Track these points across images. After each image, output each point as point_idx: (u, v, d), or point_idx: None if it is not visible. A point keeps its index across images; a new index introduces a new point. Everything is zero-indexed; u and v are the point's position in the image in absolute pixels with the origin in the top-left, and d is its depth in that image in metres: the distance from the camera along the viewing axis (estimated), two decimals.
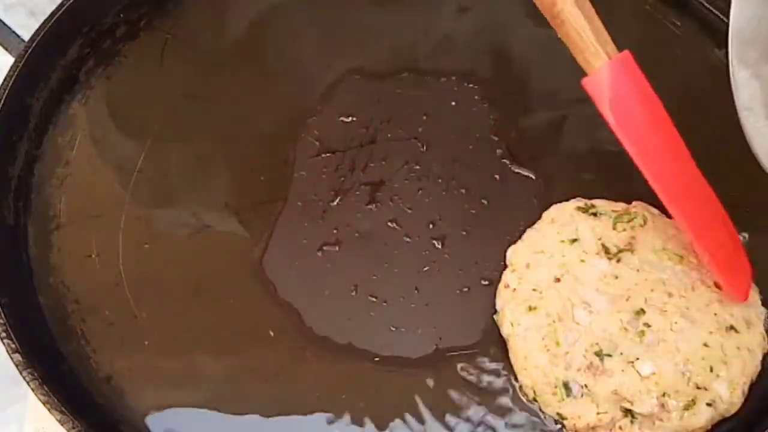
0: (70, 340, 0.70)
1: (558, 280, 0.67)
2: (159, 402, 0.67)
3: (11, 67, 0.78)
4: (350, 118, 0.81)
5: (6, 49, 0.92)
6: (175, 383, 0.67)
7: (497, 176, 0.77)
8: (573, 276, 0.67)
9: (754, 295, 0.69)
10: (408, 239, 0.74)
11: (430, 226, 0.75)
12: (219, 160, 0.79)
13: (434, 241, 0.74)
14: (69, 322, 0.71)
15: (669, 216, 0.70)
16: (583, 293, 0.66)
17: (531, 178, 0.77)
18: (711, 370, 0.63)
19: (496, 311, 0.70)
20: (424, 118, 0.81)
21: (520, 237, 0.73)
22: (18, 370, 0.64)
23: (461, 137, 0.80)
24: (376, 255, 0.73)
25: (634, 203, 0.72)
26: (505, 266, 0.72)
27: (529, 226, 0.73)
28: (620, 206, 0.72)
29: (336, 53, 0.86)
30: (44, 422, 0.70)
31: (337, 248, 0.74)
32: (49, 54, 0.82)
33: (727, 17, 0.86)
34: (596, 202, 0.73)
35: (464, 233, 0.75)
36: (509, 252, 0.71)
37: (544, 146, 0.79)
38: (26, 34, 0.84)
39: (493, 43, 0.86)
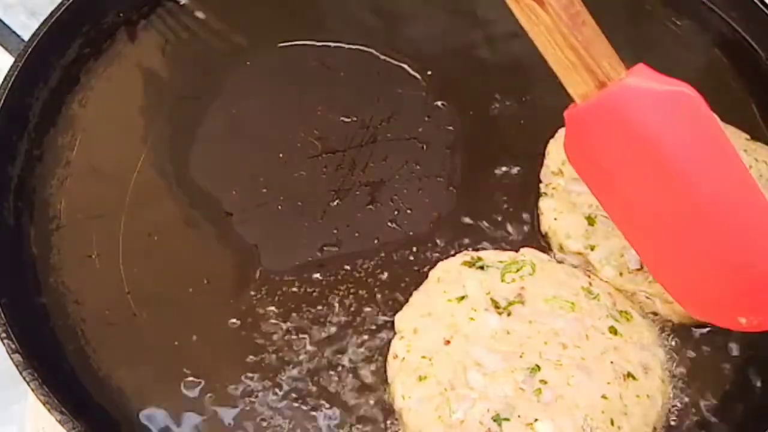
0: (70, 340, 0.70)
1: (448, 342, 0.64)
2: (159, 402, 0.67)
3: (11, 67, 0.78)
4: (350, 118, 0.81)
5: (6, 49, 0.92)
6: (175, 383, 0.67)
7: (497, 176, 0.77)
8: (463, 336, 0.65)
9: (651, 336, 0.67)
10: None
11: (430, 226, 0.75)
12: (218, 159, 0.79)
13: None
14: (69, 322, 0.71)
15: (558, 261, 0.70)
16: (475, 354, 0.63)
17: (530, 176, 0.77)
18: (612, 423, 0.61)
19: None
20: (425, 118, 0.81)
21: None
22: (18, 370, 0.64)
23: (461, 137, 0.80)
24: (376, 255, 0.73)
25: (522, 250, 0.71)
26: None
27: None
28: (508, 255, 0.70)
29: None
30: (44, 422, 0.70)
31: (337, 248, 0.74)
32: (49, 54, 0.82)
33: (728, 17, 0.86)
34: (483, 254, 0.71)
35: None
36: (396, 319, 0.68)
37: (543, 146, 0.79)
38: (26, 34, 0.84)
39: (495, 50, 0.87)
